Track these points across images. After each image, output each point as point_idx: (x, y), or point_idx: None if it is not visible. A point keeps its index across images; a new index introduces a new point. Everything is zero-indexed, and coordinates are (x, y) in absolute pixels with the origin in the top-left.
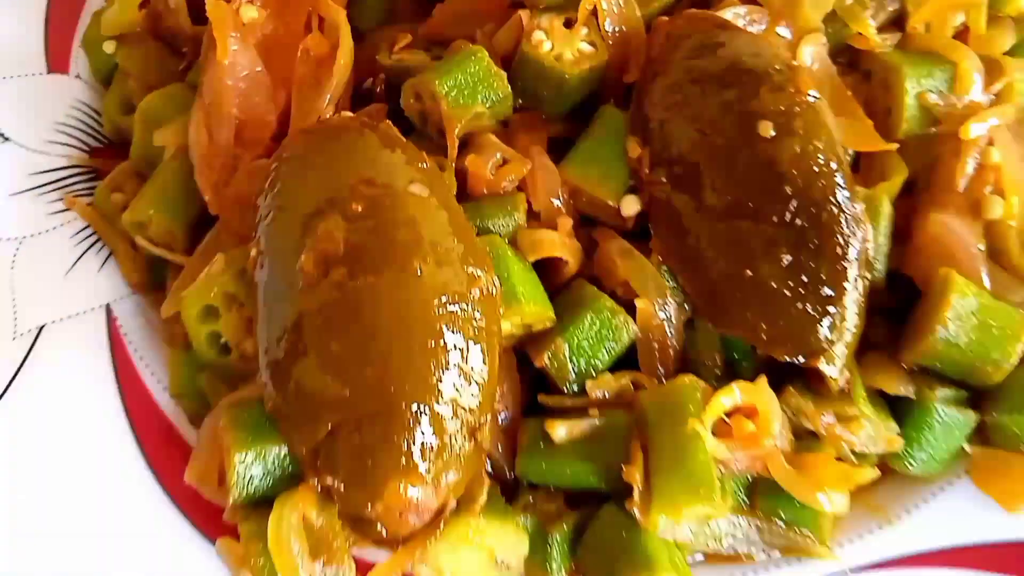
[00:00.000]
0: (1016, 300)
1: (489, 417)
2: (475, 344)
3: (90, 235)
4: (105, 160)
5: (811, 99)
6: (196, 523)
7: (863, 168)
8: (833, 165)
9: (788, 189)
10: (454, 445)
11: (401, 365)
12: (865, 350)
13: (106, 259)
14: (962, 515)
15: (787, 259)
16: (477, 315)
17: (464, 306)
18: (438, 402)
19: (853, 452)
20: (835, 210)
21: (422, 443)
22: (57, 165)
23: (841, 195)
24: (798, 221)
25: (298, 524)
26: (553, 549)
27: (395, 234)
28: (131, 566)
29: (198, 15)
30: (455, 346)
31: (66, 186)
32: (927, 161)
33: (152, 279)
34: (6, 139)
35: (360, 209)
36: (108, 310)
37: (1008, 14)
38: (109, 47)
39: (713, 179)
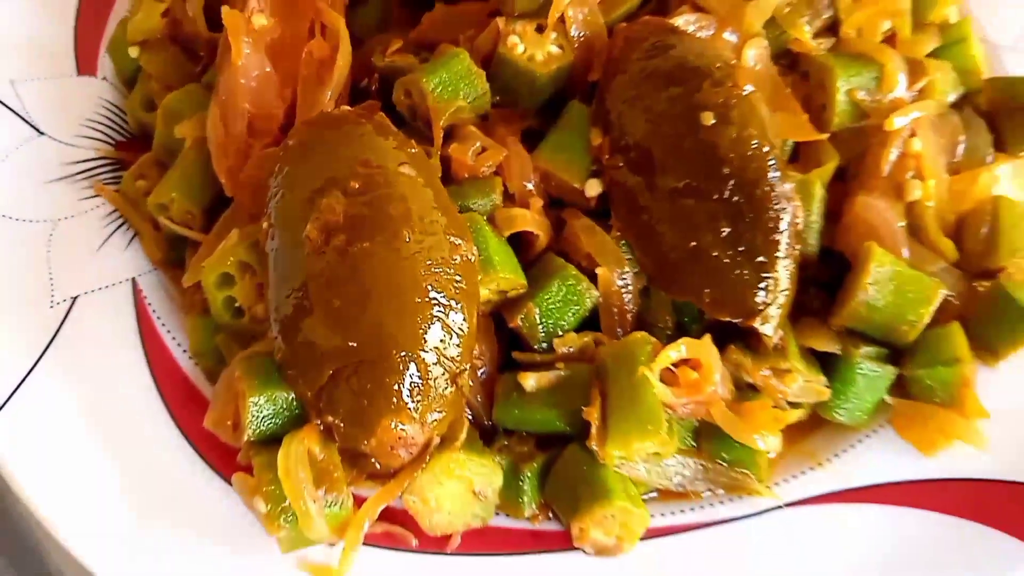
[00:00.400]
0: (931, 270)
1: (468, 365)
2: (456, 302)
3: (117, 218)
4: (129, 152)
5: (746, 92)
6: (214, 465)
7: (801, 156)
8: (766, 149)
9: (726, 170)
10: (438, 388)
11: (393, 319)
12: (801, 316)
13: (131, 239)
14: (883, 458)
15: (726, 231)
16: (458, 278)
17: (447, 270)
18: (424, 351)
19: (788, 402)
20: (767, 188)
21: (410, 386)
22: (87, 156)
23: (772, 175)
24: (735, 198)
25: (304, 457)
26: (524, 484)
27: (387, 207)
28: (157, 504)
29: (214, 22)
30: (439, 303)
31: (95, 175)
32: (858, 150)
33: (172, 256)
34: (41, 133)
35: (357, 186)
36: (134, 283)
37: (932, 20)
38: (133, 52)
39: (663, 163)
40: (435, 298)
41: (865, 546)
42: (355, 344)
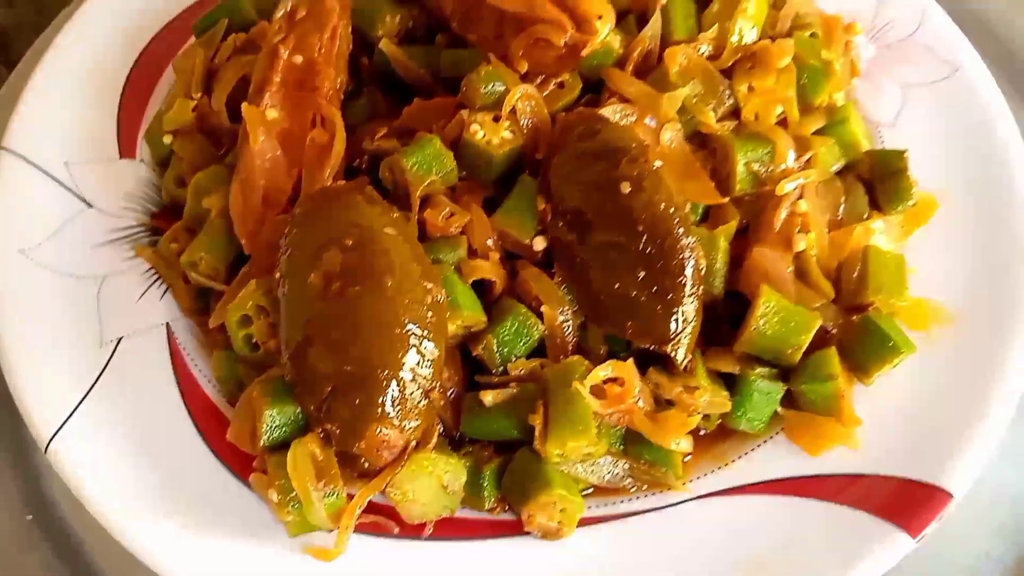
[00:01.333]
0: (813, 306)
1: (438, 383)
2: (428, 333)
3: (154, 274)
4: (163, 221)
5: (656, 167)
6: (235, 471)
7: (710, 217)
8: (671, 211)
9: (640, 228)
10: (414, 401)
11: (378, 346)
12: (710, 344)
13: (165, 291)
14: (777, 458)
15: (642, 275)
16: (430, 314)
17: (421, 308)
18: (403, 371)
19: (700, 414)
20: (673, 241)
21: (392, 399)
22: (128, 224)
23: (678, 231)
24: (648, 249)
25: (308, 457)
26: (484, 481)
27: (374, 259)
28: (189, 504)
29: (235, 114)
30: (415, 334)
31: (135, 239)
32: (756, 212)
33: (199, 306)
34: (90, 206)
35: (351, 243)
36: (168, 327)
37: (819, 104)
38: (167, 139)
39: (592, 223)
40: (411, 330)
41: (762, 528)
42: (348, 367)
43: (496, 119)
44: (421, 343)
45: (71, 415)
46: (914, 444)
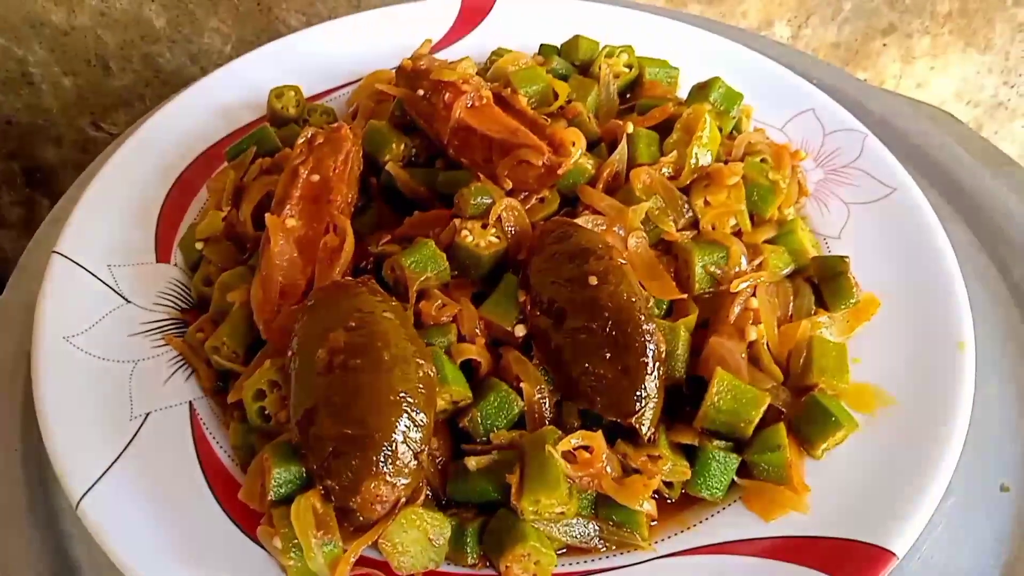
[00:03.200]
0: (764, 387)
1: (426, 447)
2: (420, 402)
3: (180, 360)
4: (192, 316)
5: (620, 263)
6: (245, 529)
7: (673, 312)
8: (634, 300)
9: (606, 314)
10: (405, 461)
11: (375, 412)
12: (674, 421)
13: (190, 374)
14: (735, 522)
15: (608, 355)
16: (421, 387)
17: (414, 381)
18: (396, 434)
19: (664, 482)
20: (635, 326)
21: (386, 458)
22: (160, 318)
23: (640, 317)
24: (614, 333)
25: (309, 509)
26: (468, 538)
27: (374, 338)
28: (202, 558)
29: (259, 224)
30: (407, 403)
31: (166, 331)
32: (714, 308)
33: (218, 387)
34: (128, 301)
35: (354, 325)
36: (191, 404)
37: (769, 218)
38: (199, 245)
39: (565, 312)
40: (405, 399)
41: None
42: (348, 430)
43: (484, 226)
44: (413, 411)
45: (101, 477)
46: (860, 510)
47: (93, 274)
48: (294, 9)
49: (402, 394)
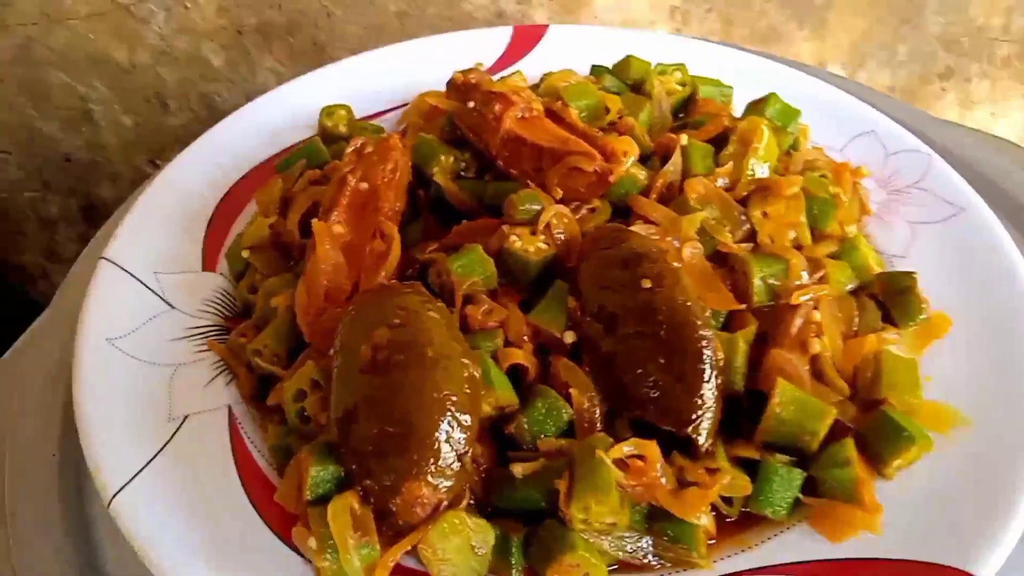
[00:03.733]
0: (830, 402)
1: (470, 449)
2: (464, 403)
3: (222, 365)
4: (236, 323)
5: (675, 267)
6: (280, 533)
7: (731, 324)
8: (689, 304)
9: (660, 318)
10: (448, 463)
11: (417, 411)
12: (733, 438)
13: (231, 380)
14: (800, 543)
15: (662, 361)
16: (467, 387)
17: (459, 380)
18: (439, 434)
19: (722, 498)
20: (691, 330)
21: (428, 459)
22: (204, 324)
23: (697, 322)
24: (669, 338)
25: (347, 510)
26: (512, 547)
27: (418, 335)
28: (232, 561)
29: (305, 232)
30: (451, 402)
31: (209, 337)
32: (774, 322)
33: (258, 393)
34: (172, 307)
35: (398, 322)
36: (229, 408)
37: (830, 233)
38: (245, 253)
39: (617, 317)
40: (449, 398)
41: None
42: (390, 428)
43: (533, 233)
44: (457, 411)
45: (135, 476)
46: (938, 532)
47: (139, 280)
48: (347, 48)
49: (446, 393)
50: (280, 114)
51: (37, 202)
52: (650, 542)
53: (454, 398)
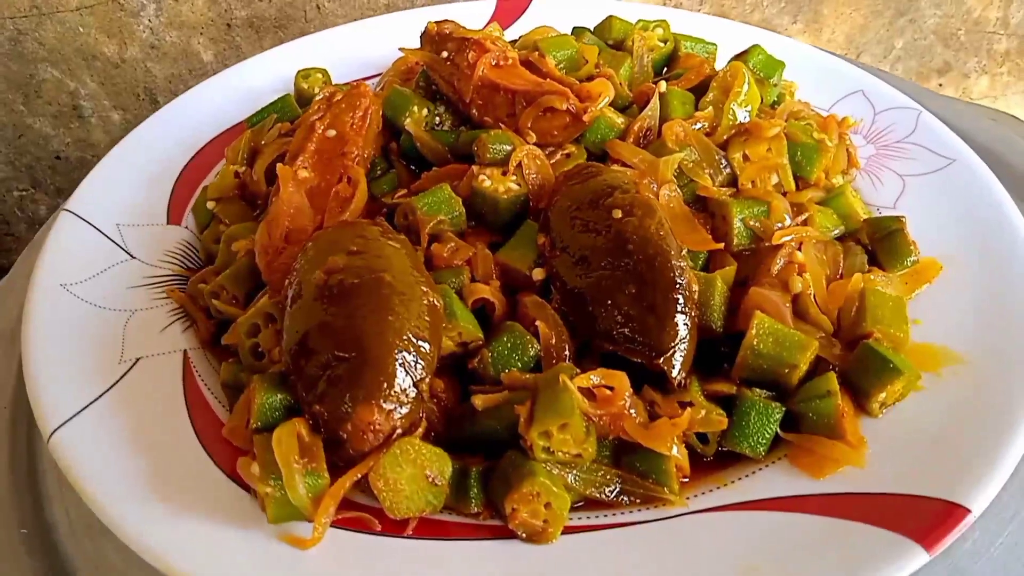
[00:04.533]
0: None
1: (428, 376)
2: (423, 331)
3: (180, 312)
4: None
5: (648, 197)
6: (228, 471)
7: (711, 265)
8: (662, 233)
9: (631, 247)
10: (403, 387)
11: (372, 334)
12: (709, 378)
13: (188, 326)
14: (780, 479)
15: (633, 290)
16: (426, 315)
17: (417, 307)
18: (395, 360)
19: (697, 436)
20: (664, 259)
21: (381, 384)
22: (164, 274)
23: (670, 251)
24: (640, 268)
25: (294, 434)
26: (472, 481)
27: (376, 261)
28: (177, 495)
29: (272, 180)
30: (409, 326)
31: (169, 285)
32: (755, 265)
33: (216, 340)
34: (133, 257)
35: (355, 249)
36: (185, 353)
37: (815, 181)
38: (211, 204)
39: (587, 248)
40: (406, 323)
41: (760, 540)
42: (342, 352)
43: (504, 173)
44: (414, 337)
45: (78, 413)
46: (927, 467)
47: (100, 230)
48: None
49: (403, 317)
50: (260, 79)
51: (26, 201)
52: (618, 478)
53: (412, 323)
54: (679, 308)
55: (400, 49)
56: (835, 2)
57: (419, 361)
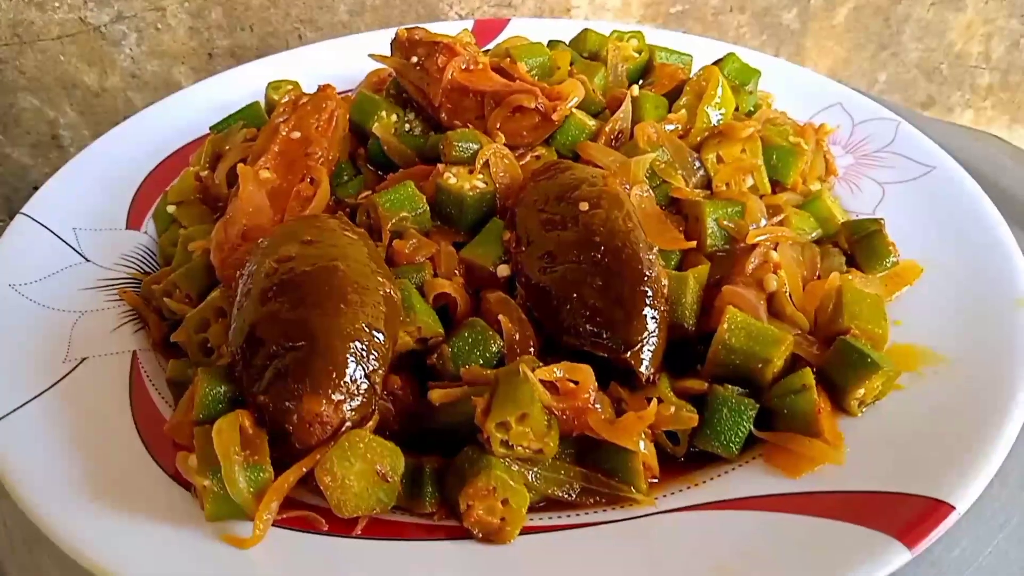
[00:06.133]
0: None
1: (381, 368)
2: (378, 322)
3: (132, 314)
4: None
5: (616, 191)
6: (169, 471)
7: (683, 266)
8: (630, 225)
9: (598, 239)
10: (354, 379)
11: (320, 320)
12: (683, 377)
13: (139, 328)
14: (754, 479)
15: (599, 283)
16: (381, 305)
17: (372, 297)
18: (346, 351)
19: (667, 436)
20: (631, 251)
21: (331, 375)
22: (118, 276)
23: (637, 243)
24: (606, 260)
25: (235, 427)
26: (426, 479)
27: (330, 250)
28: (113, 495)
29: (234, 182)
30: (362, 316)
31: (122, 287)
32: (729, 265)
33: (167, 343)
34: (87, 260)
35: (309, 239)
36: (134, 353)
37: (791, 185)
38: (171, 208)
39: (551, 244)
40: (360, 313)
41: (732, 541)
42: (292, 339)
43: (471, 172)
44: (368, 327)
45: (14, 410)
46: (906, 463)
47: (55, 233)
48: None
49: (356, 305)
50: (231, 93)
51: (2, 232)
52: (582, 476)
53: (365, 310)
54: (647, 301)
55: (370, 55)
56: (817, 35)
57: (372, 352)
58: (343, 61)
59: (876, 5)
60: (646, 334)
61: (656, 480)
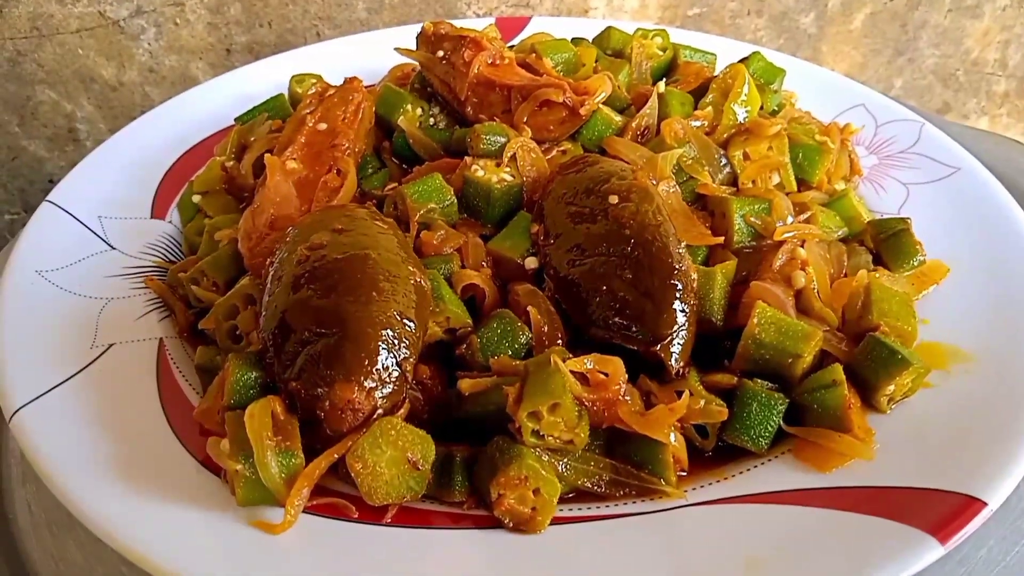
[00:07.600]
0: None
1: (413, 356)
2: (409, 310)
3: (158, 302)
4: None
5: (646, 184)
6: (198, 457)
7: (710, 262)
8: (660, 219)
9: (628, 232)
10: (385, 366)
11: (352, 308)
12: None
13: (165, 316)
14: (784, 473)
15: (629, 276)
16: (412, 293)
17: (403, 286)
18: (377, 338)
19: (696, 430)
20: (662, 243)
21: (362, 362)
22: (144, 264)
23: (668, 238)
24: (636, 253)
25: (267, 412)
26: (455, 468)
27: (361, 239)
28: (143, 479)
29: (260, 174)
30: (395, 305)
31: (148, 275)
32: (757, 262)
33: (194, 330)
34: (112, 248)
35: (340, 227)
36: (161, 340)
37: (817, 183)
38: (196, 198)
39: (580, 237)
40: (391, 301)
41: (762, 534)
42: (323, 326)
43: (498, 164)
44: (399, 315)
45: (45, 393)
46: (937, 459)
47: (81, 221)
48: None
49: (389, 296)
50: (255, 85)
51: (16, 225)
52: (612, 467)
53: (397, 299)
54: (677, 294)
55: (396, 49)
56: (834, 40)
57: (403, 340)
58: (362, 57)
59: (893, 11)
60: (676, 327)
61: (685, 473)
